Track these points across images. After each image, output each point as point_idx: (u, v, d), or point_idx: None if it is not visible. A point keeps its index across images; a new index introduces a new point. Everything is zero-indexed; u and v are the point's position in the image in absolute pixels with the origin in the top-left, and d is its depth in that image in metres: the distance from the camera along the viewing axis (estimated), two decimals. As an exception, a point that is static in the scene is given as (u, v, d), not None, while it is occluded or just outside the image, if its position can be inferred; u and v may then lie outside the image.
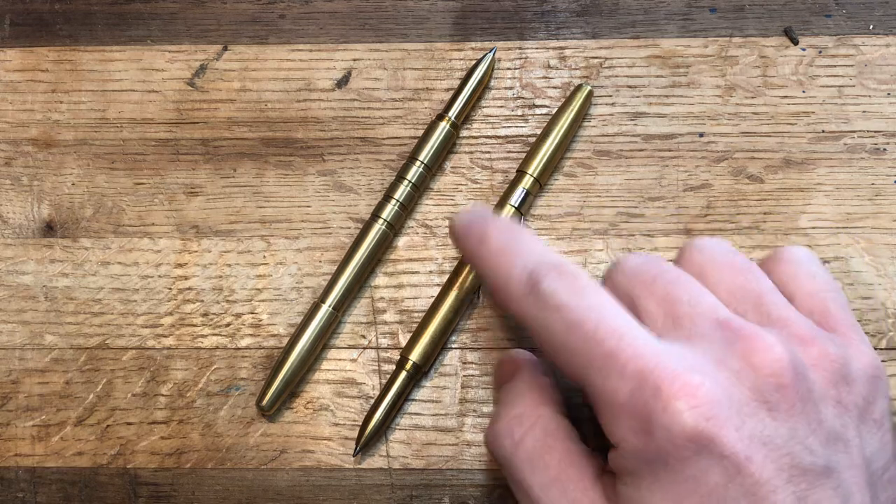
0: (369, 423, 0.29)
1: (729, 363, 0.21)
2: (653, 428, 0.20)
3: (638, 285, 0.24)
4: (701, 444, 0.20)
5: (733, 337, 0.22)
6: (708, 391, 0.20)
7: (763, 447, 0.20)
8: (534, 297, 0.23)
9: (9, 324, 0.31)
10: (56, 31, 0.34)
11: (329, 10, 0.33)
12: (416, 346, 0.29)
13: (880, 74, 0.32)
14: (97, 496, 0.30)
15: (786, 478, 0.20)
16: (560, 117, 0.31)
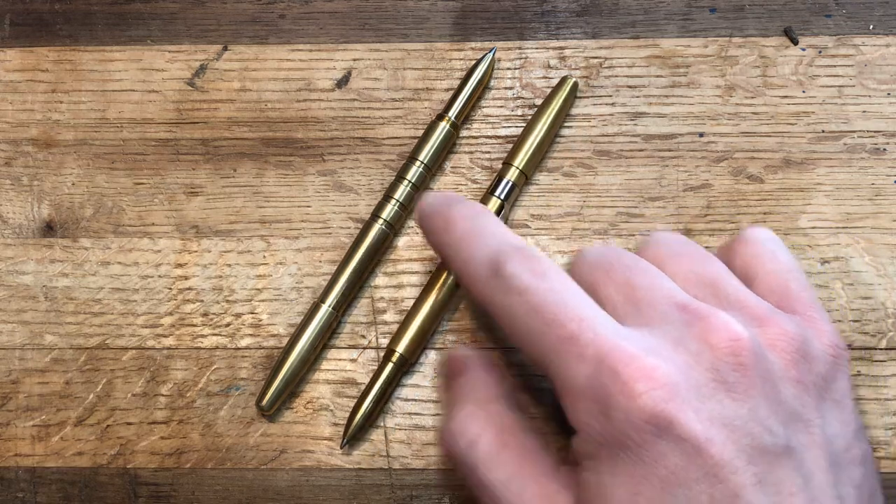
0: (356, 414, 0.29)
1: (687, 345, 0.21)
2: (611, 411, 0.20)
3: (598, 273, 0.24)
4: (660, 427, 0.20)
5: (691, 318, 0.22)
6: (665, 373, 0.20)
7: (723, 428, 0.20)
8: (497, 281, 0.23)
9: (9, 324, 0.31)
10: (56, 31, 0.34)
11: (329, 10, 0.33)
12: (403, 338, 0.29)
13: (880, 74, 0.32)
14: (97, 496, 0.30)
15: (746, 458, 0.20)
16: (545, 109, 0.31)
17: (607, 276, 0.24)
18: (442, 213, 0.25)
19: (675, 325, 0.22)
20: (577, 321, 0.22)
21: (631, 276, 0.23)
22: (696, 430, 0.20)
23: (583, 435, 0.21)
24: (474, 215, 0.25)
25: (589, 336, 0.21)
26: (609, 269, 0.24)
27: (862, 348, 0.30)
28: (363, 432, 0.30)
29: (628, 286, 0.23)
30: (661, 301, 0.23)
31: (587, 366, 0.21)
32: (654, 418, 0.20)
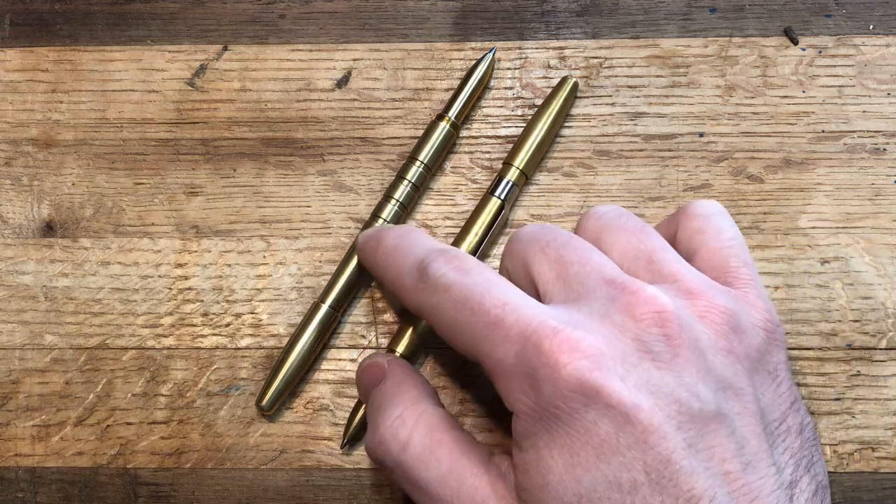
0: (356, 415, 0.29)
1: (612, 318, 0.22)
2: (539, 384, 0.21)
3: (532, 250, 0.24)
4: (587, 395, 0.20)
5: (617, 293, 0.22)
6: (590, 344, 0.21)
7: (650, 395, 0.21)
8: (423, 284, 0.24)
9: (9, 324, 0.31)
10: (56, 31, 0.34)
11: (329, 10, 0.33)
12: (403, 339, 0.29)
13: (880, 74, 0.32)
14: (97, 496, 0.30)
15: (675, 424, 0.21)
16: (545, 109, 0.31)
17: (541, 252, 0.24)
18: (374, 237, 0.27)
19: (601, 300, 0.22)
20: (500, 306, 0.22)
21: (563, 252, 0.24)
22: (624, 396, 0.20)
23: (518, 414, 0.22)
24: (402, 233, 0.26)
25: (513, 317, 0.22)
26: (544, 247, 0.24)
27: (862, 348, 0.30)
28: (363, 433, 0.30)
29: (560, 262, 0.24)
30: (589, 276, 0.23)
31: (513, 345, 0.21)
32: (581, 387, 0.20)
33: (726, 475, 0.21)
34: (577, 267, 0.23)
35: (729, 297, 0.23)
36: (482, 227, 0.30)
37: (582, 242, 0.24)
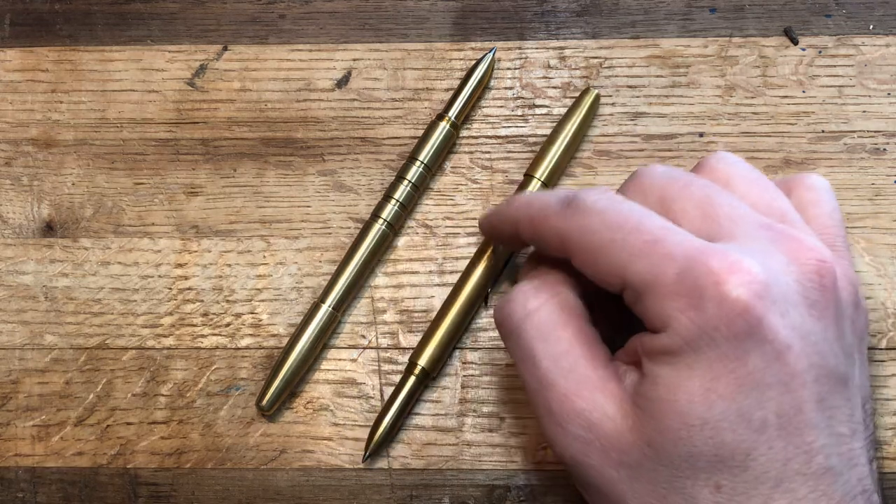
0: (378, 428, 0.29)
1: (775, 257, 0.21)
2: (703, 303, 0.20)
3: (673, 187, 0.23)
4: (749, 323, 0.20)
5: (778, 237, 0.22)
6: (759, 272, 0.20)
7: (801, 340, 0.21)
8: (572, 210, 0.23)
9: (9, 324, 0.31)
10: (56, 31, 0.34)
11: (329, 10, 0.33)
12: (425, 351, 0.29)
13: (880, 74, 0.32)
14: (97, 496, 0.30)
15: (814, 375, 0.21)
16: (568, 121, 0.31)
17: (684, 191, 0.23)
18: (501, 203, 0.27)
19: (760, 240, 0.22)
20: (661, 229, 0.22)
21: (709, 193, 0.23)
22: (781, 334, 0.20)
23: (670, 330, 0.21)
24: (535, 191, 0.27)
25: (677, 238, 0.21)
26: (686, 185, 0.23)
27: (862, 348, 0.30)
28: (385, 446, 0.29)
29: (708, 203, 0.23)
30: (743, 219, 0.22)
31: (676, 263, 0.21)
32: (746, 312, 0.20)
33: (839, 437, 0.21)
34: (727, 209, 0.23)
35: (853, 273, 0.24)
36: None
37: (721, 189, 0.23)
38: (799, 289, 0.21)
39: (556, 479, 0.29)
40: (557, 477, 0.29)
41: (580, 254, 0.23)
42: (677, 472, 0.21)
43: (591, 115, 0.31)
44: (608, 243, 0.22)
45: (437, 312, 0.30)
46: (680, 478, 0.21)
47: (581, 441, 0.22)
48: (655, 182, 0.24)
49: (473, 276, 0.30)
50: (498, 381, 0.30)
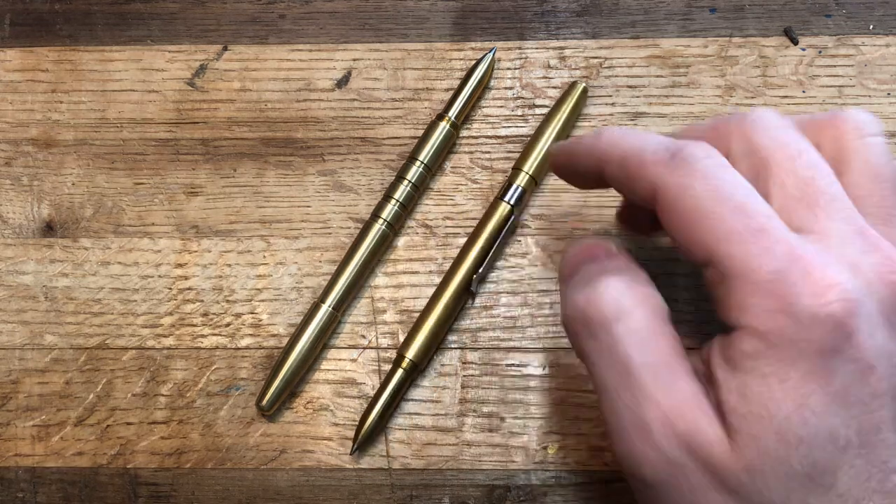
0: (366, 421, 0.29)
1: (864, 273, 0.21)
2: (795, 310, 0.20)
3: (779, 155, 0.22)
4: (840, 340, 0.19)
5: (870, 247, 0.21)
6: (853, 290, 0.20)
7: (885, 360, 0.20)
8: (676, 164, 0.21)
9: (9, 324, 0.31)
10: (56, 31, 0.34)
11: (329, 10, 0.33)
12: (413, 344, 0.29)
13: (880, 74, 0.32)
14: (97, 496, 0.30)
15: (892, 397, 0.20)
16: (555, 114, 0.31)
17: (791, 163, 0.22)
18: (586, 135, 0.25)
19: (852, 248, 0.21)
20: (767, 217, 0.21)
21: (815, 174, 0.22)
22: (868, 354, 0.20)
23: (752, 330, 0.20)
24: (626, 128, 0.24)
25: (779, 233, 0.20)
26: (793, 156, 0.22)
27: (862, 348, 0.30)
28: (373, 438, 0.29)
29: (809, 185, 0.21)
30: (839, 216, 0.21)
31: (775, 261, 0.20)
32: (838, 327, 0.19)
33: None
34: (827, 199, 0.21)
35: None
36: (491, 232, 0.30)
37: (830, 171, 0.22)
38: (882, 309, 0.21)
39: (556, 479, 0.29)
40: (557, 477, 0.29)
41: (674, 214, 0.21)
42: (772, 496, 0.20)
43: (579, 109, 0.31)
44: (708, 213, 0.21)
45: (426, 305, 0.30)
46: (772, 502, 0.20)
47: (676, 465, 0.21)
48: (765, 141, 0.22)
49: (461, 268, 0.30)
50: (498, 381, 0.30)
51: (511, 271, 0.31)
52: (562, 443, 0.29)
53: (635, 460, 0.21)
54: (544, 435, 0.30)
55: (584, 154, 0.24)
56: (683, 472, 0.21)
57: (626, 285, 0.22)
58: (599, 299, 0.22)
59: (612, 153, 0.23)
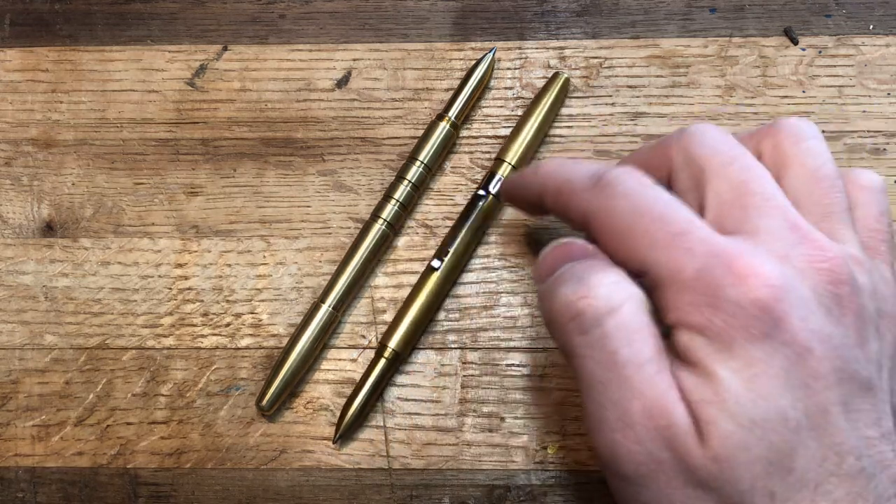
0: (348, 410, 0.29)
1: (794, 261, 0.21)
2: (721, 302, 0.20)
3: (714, 162, 0.23)
4: (767, 325, 0.20)
5: (800, 239, 0.22)
6: (778, 276, 0.20)
7: (821, 343, 0.20)
8: (599, 189, 0.23)
9: (9, 324, 0.31)
10: (56, 31, 0.34)
11: (329, 10, 0.33)
12: (395, 334, 0.29)
13: (880, 74, 0.32)
14: (97, 496, 0.30)
15: (836, 379, 0.20)
16: (537, 105, 0.31)
17: (724, 169, 0.23)
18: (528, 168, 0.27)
19: (782, 242, 0.22)
20: (687, 221, 0.22)
21: (748, 177, 0.22)
22: (800, 336, 0.20)
23: (687, 327, 0.21)
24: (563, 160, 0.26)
25: (700, 234, 0.21)
26: (727, 163, 0.23)
27: (862, 348, 0.30)
28: (356, 428, 0.30)
29: (743, 189, 0.22)
30: (772, 214, 0.22)
31: (697, 259, 0.21)
32: (765, 313, 0.20)
33: (868, 439, 0.21)
34: (759, 199, 0.22)
35: (886, 281, 0.23)
36: (475, 223, 0.30)
37: (765, 173, 0.23)
38: (815, 296, 0.21)
39: (556, 479, 0.29)
40: (557, 477, 0.29)
41: (603, 234, 0.23)
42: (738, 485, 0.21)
43: (561, 99, 0.31)
44: (632, 227, 0.22)
45: (408, 294, 0.30)
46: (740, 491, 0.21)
47: (655, 459, 0.21)
48: (701, 150, 0.23)
49: (445, 258, 0.30)
50: (498, 381, 0.30)
51: (511, 271, 0.31)
52: (562, 443, 0.29)
53: (617, 455, 0.22)
54: (544, 435, 0.30)
55: (526, 186, 0.26)
56: (661, 466, 0.21)
57: (614, 281, 0.22)
58: (591, 294, 0.22)
59: (547, 185, 0.25)
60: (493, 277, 0.31)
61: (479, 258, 0.31)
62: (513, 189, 0.28)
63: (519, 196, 0.27)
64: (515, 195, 0.28)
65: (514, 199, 0.28)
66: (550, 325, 0.24)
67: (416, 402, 0.30)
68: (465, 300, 0.31)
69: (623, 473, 0.22)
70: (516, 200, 0.28)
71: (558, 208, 0.24)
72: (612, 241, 0.23)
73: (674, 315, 0.21)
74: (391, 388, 0.30)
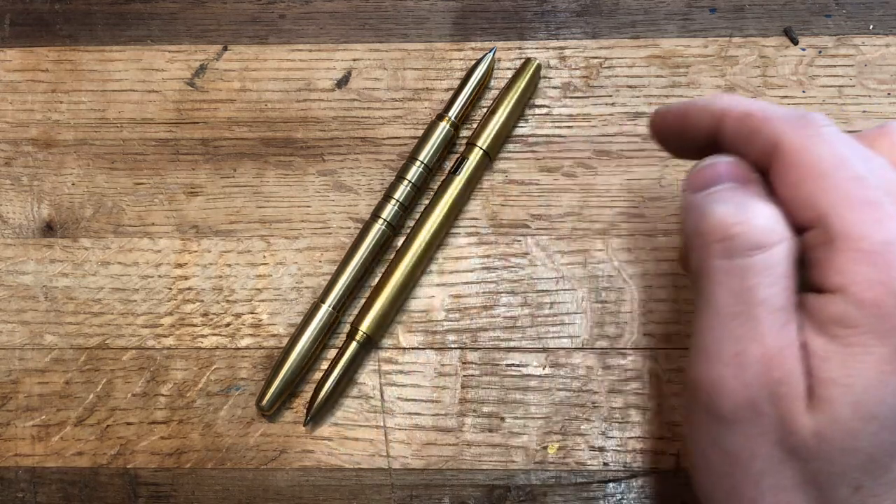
0: (319, 393, 0.29)
1: None
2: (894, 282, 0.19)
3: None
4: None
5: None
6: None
7: None
8: (803, 124, 0.22)
9: (9, 324, 0.31)
10: (56, 31, 0.34)
11: (329, 10, 0.33)
12: (367, 317, 0.30)
13: (880, 74, 0.32)
14: (97, 496, 0.30)
15: None
16: (509, 90, 0.31)
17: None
18: (692, 100, 0.25)
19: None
20: (885, 193, 0.20)
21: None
22: None
23: (848, 295, 0.20)
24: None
25: (891, 210, 0.20)
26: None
27: (862, 348, 0.30)
28: (327, 412, 0.30)
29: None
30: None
31: (886, 233, 0.20)
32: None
33: None
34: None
35: None
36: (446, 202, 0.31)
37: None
38: None
39: (556, 479, 0.29)
40: (557, 477, 0.29)
41: (792, 169, 0.21)
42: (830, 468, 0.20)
43: (533, 85, 0.32)
44: (826, 175, 0.21)
45: (380, 278, 0.30)
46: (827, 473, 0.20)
47: (756, 408, 0.20)
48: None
49: (417, 241, 0.30)
50: (498, 381, 0.30)
51: (511, 271, 0.31)
52: (562, 443, 0.29)
53: (719, 391, 0.21)
54: (544, 435, 0.30)
55: (699, 111, 0.24)
56: (759, 418, 0.21)
57: (774, 217, 0.21)
58: (750, 222, 0.21)
59: (733, 109, 0.23)
60: (493, 277, 0.31)
61: (478, 258, 0.31)
62: (677, 116, 0.25)
63: (676, 124, 0.25)
64: (677, 123, 0.25)
65: (671, 128, 0.26)
66: (693, 239, 0.22)
67: (416, 402, 0.30)
68: (465, 300, 0.31)
69: (716, 411, 0.21)
70: (674, 129, 0.26)
71: (742, 134, 0.23)
72: (798, 179, 0.21)
73: (837, 279, 0.20)
74: (391, 387, 0.30)
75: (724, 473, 0.22)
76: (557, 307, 0.30)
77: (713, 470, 0.22)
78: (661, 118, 0.26)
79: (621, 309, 0.30)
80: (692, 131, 0.25)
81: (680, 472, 0.29)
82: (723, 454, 0.21)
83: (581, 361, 0.30)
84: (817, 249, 0.21)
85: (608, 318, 0.30)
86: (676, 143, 0.26)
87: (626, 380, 0.30)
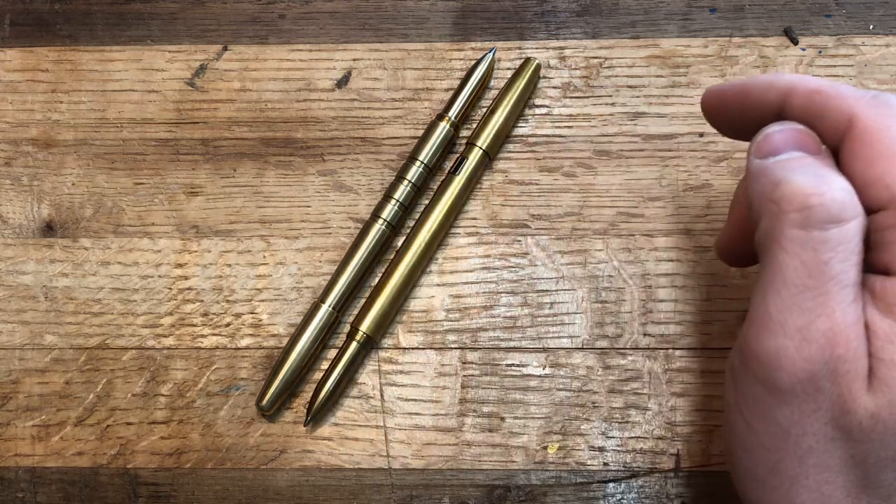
0: (319, 393, 0.29)
1: None
2: None
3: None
4: None
5: None
6: None
7: None
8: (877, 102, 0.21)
9: (9, 324, 0.31)
10: (56, 31, 0.34)
11: (329, 10, 0.33)
12: (367, 317, 0.30)
13: (880, 74, 0.32)
14: (97, 496, 0.30)
15: None
16: (509, 90, 0.31)
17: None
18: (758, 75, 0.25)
19: None
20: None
21: None
22: None
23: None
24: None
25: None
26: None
27: (862, 348, 0.30)
28: (327, 411, 0.29)
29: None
30: None
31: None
32: None
33: None
34: None
35: None
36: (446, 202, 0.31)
37: None
38: None
39: (556, 479, 0.29)
40: (557, 477, 0.29)
41: (867, 146, 0.21)
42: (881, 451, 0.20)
43: (532, 85, 0.32)
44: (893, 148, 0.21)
45: (380, 277, 0.30)
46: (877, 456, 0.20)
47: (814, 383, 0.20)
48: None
49: (416, 241, 0.30)
50: (498, 381, 0.30)
51: (511, 271, 0.31)
52: (562, 443, 0.29)
53: (779, 362, 0.21)
54: (544, 435, 0.30)
55: (764, 87, 0.24)
56: (815, 393, 0.20)
57: (851, 192, 0.21)
58: (829, 195, 0.20)
59: (801, 85, 0.23)
60: (493, 277, 0.31)
61: (478, 258, 0.31)
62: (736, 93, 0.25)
63: (736, 100, 0.25)
64: (737, 99, 0.25)
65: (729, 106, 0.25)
66: (764, 205, 0.22)
67: (416, 402, 0.30)
68: (465, 300, 0.31)
69: (773, 382, 0.21)
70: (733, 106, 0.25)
71: (811, 109, 0.22)
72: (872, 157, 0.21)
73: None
74: (391, 387, 0.30)
75: (770, 447, 0.21)
76: (557, 307, 0.30)
77: (758, 444, 0.21)
78: (718, 95, 0.25)
79: (621, 309, 0.30)
80: (755, 108, 0.24)
81: (680, 472, 0.29)
82: (772, 428, 0.21)
83: (581, 361, 0.30)
84: (887, 232, 0.21)
85: (608, 318, 0.30)
86: (735, 121, 0.25)
87: (626, 380, 0.30)
